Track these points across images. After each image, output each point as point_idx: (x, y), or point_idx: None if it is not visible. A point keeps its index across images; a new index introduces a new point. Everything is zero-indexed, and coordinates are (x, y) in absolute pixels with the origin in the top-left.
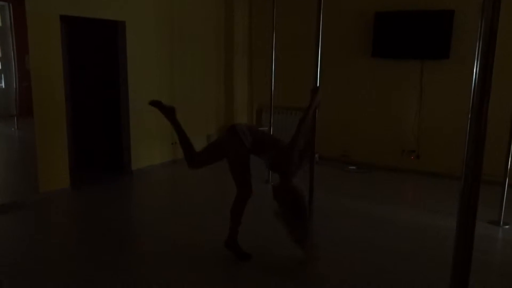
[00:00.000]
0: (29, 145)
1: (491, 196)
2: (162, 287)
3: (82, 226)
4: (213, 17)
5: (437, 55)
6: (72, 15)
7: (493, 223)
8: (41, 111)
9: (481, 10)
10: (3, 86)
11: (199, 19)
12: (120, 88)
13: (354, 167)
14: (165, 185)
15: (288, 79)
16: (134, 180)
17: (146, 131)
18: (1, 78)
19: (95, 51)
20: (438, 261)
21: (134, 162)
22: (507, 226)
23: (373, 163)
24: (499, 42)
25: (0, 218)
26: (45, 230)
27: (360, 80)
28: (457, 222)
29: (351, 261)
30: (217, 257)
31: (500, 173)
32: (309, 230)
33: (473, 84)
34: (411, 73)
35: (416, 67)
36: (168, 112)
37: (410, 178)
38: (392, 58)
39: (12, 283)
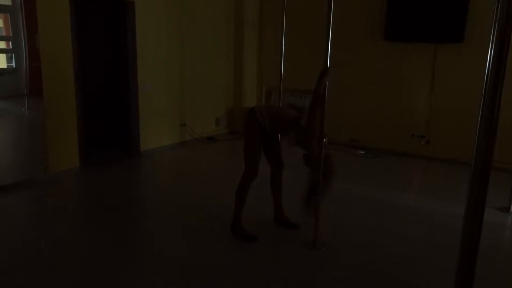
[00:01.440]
0: (39, 125)
1: (502, 183)
2: (170, 259)
3: (89, 204)
4: None
5: (451, 38)
6: None
7: (503, 210)
8: (50, 90)
9: None
10: (14, 66)
11: None
12: (129, 69)
13: (363, 152)
14: (173, 167)
15: (298, 61)
16: (143, 161)
17: (155, 112)
18: (12, 58)
19: (104, 30)
20: (445, 246)
21: (143, 143)
22: None
23: (382, 148)
24: None
25: (10, 197)
26: (54, 209)
27: (371, 63)
28: (466, 208)
29: (360, 245)
30: (222, 236)
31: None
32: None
33: (486, 69)
34: (423, 57)
35: (429, 51)
36: None
37: (420, 164)
38: (405, 41)
39: (26, 264)
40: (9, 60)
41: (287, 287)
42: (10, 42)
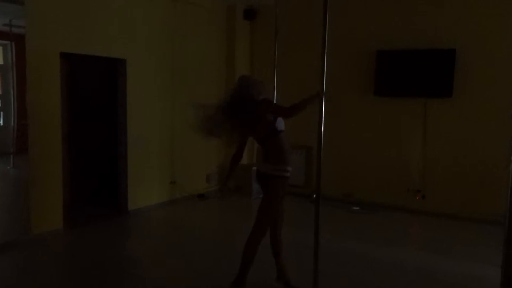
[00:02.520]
0: (24, 184)
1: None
2: None
3: (72, 267)
4: (214, 54)
5: (440, 93)
6: (73, 52)
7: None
8: (36, 149)
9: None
10: (1, 124)
11: (200, 55)
12: (118, 126)
13: (358, 208)
14: (162, 226)
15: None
16: (131, 220)
17: (144, 170)
18: (0, 116)
19: (94, 88)
20: None
21: (131, 202)
22: None
23: (377, 203)
24: None
25: None
26: (35, 272)
27: (363, 118)
28: (502, 273)
29: None
30: None
31: None
32: None
33: None
34: (414, 111)
35: (420, 106)
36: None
37: (416, 219)
38: (394, 96)
39: None
40: None
41: None
42: (0, 100)
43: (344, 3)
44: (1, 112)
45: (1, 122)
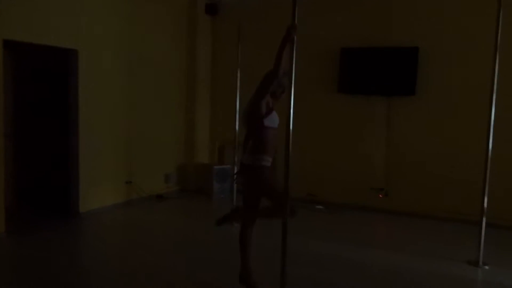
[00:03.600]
0: None
1: (468, 235)
2: None
3: (13, 278)
4: (174, 49)
5: (403, 91)
6: (18, 40)
7: (472, 263)
8: None
9: None
10: None
11: (159, 50)
12: (69, 123)
13: (321, 207)
14: (116, 229)
15: None
16: (82, 223)
17: (98, 170)
18: None
19: (43, 81)
20: None
21: (83, 203)
22: (486, 267)
23: (341, 202)
24: None
25: None
26: None
27: (326, 116)
28: None
29: None
30: None
31: (478, 212)
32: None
33: None
34: (377, 109)
35: (383, 104)
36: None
37: (379, 217)
38: (358, 94)
39: None
40: None
41: None
42: None
43: (309, 1)
44: None
45: None
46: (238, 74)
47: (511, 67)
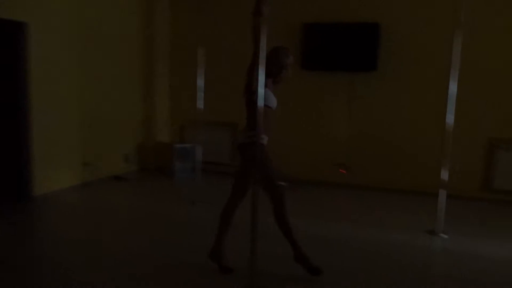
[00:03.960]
0: None
1: (426, 207)
2: None
3: None
4: (130, 23)
5: (365, 67)
6: None
7: (430, 233)
8: None
9: None
10: None
11: (115, 24)
12: (19, 100)
13: (285, 183)
14: (73, 213)
15: (213, 92)
16: (37, 207)
17: (53, 150)
18: None
19: None
20: (379, 279)
21: (38, 186)
22: (445, 236)
23: (305, 178)
24: None
25: None
26: None
27: (289, 92)
28: None
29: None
30: None
31: (437, 184)
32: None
33: None
34: (340, 85)
35: (345, 79)
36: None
37: (343, 192)
38: (321, 70)
39: None
40: None
41: None
42: None
43: None
44: None
45: None
46: (200, 49)
47: (469, 43)
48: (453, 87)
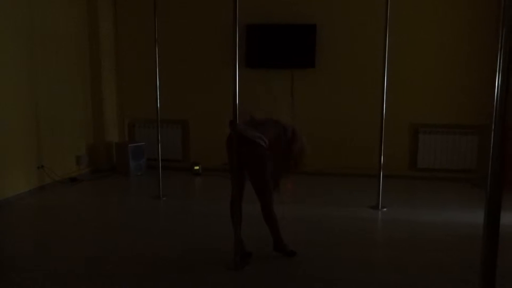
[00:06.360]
0: None
1: (370, 187)
2: None
3: None
4: (75, 21)
5: (304, 64)
6: None
7: (374, 208)
8: None
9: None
10: None
11: (60, 23)
12: None
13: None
14: (31, 217)
15: (164, 89)
16: None
17: (5, 155)
18: None
19: None
20: (333, 243)
21: None
22: (385, 209)
23: None
24: None
25: None
26: None
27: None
28: (484, 225)
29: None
30: None
31: (375, 166)
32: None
33: (496, 91)
34: (282, 82)
35: (287, 76)
36: None
37: (292, 179)
38: (264, 68)
39: None
40: None
41: None
42: None
43: None
44: None
45: None
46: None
47: (397, 41)
48: (385, 80)
